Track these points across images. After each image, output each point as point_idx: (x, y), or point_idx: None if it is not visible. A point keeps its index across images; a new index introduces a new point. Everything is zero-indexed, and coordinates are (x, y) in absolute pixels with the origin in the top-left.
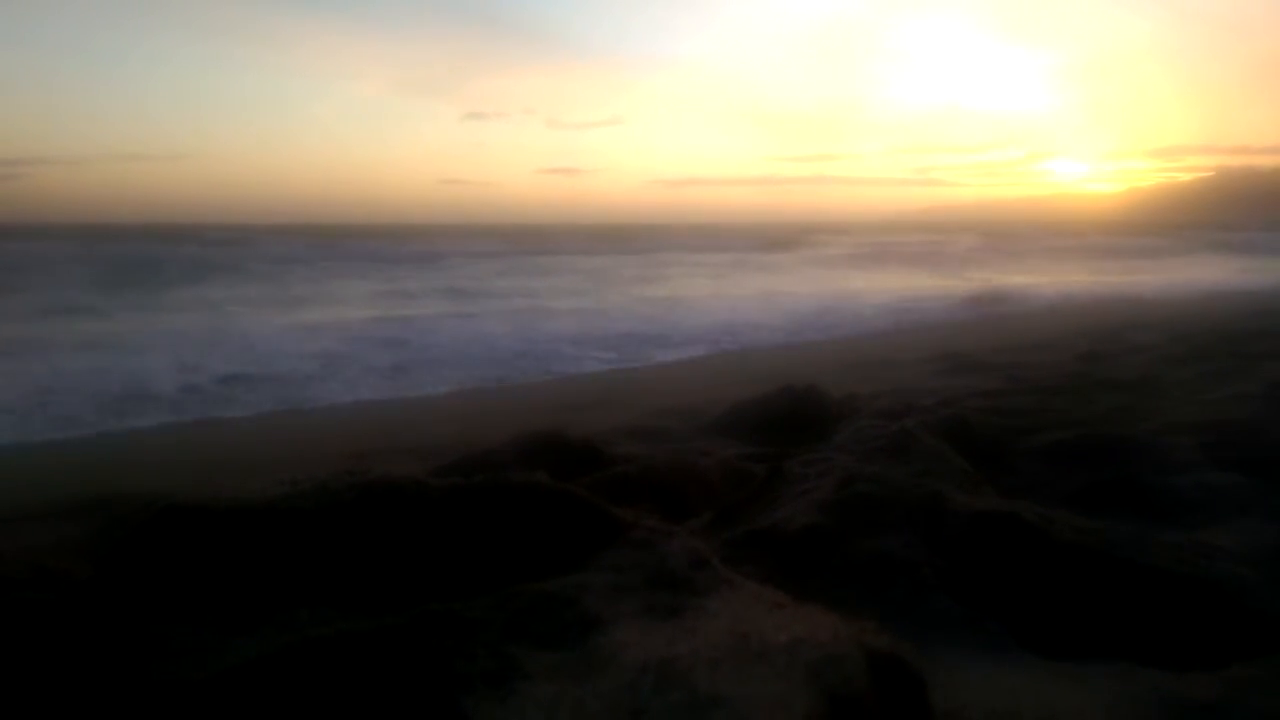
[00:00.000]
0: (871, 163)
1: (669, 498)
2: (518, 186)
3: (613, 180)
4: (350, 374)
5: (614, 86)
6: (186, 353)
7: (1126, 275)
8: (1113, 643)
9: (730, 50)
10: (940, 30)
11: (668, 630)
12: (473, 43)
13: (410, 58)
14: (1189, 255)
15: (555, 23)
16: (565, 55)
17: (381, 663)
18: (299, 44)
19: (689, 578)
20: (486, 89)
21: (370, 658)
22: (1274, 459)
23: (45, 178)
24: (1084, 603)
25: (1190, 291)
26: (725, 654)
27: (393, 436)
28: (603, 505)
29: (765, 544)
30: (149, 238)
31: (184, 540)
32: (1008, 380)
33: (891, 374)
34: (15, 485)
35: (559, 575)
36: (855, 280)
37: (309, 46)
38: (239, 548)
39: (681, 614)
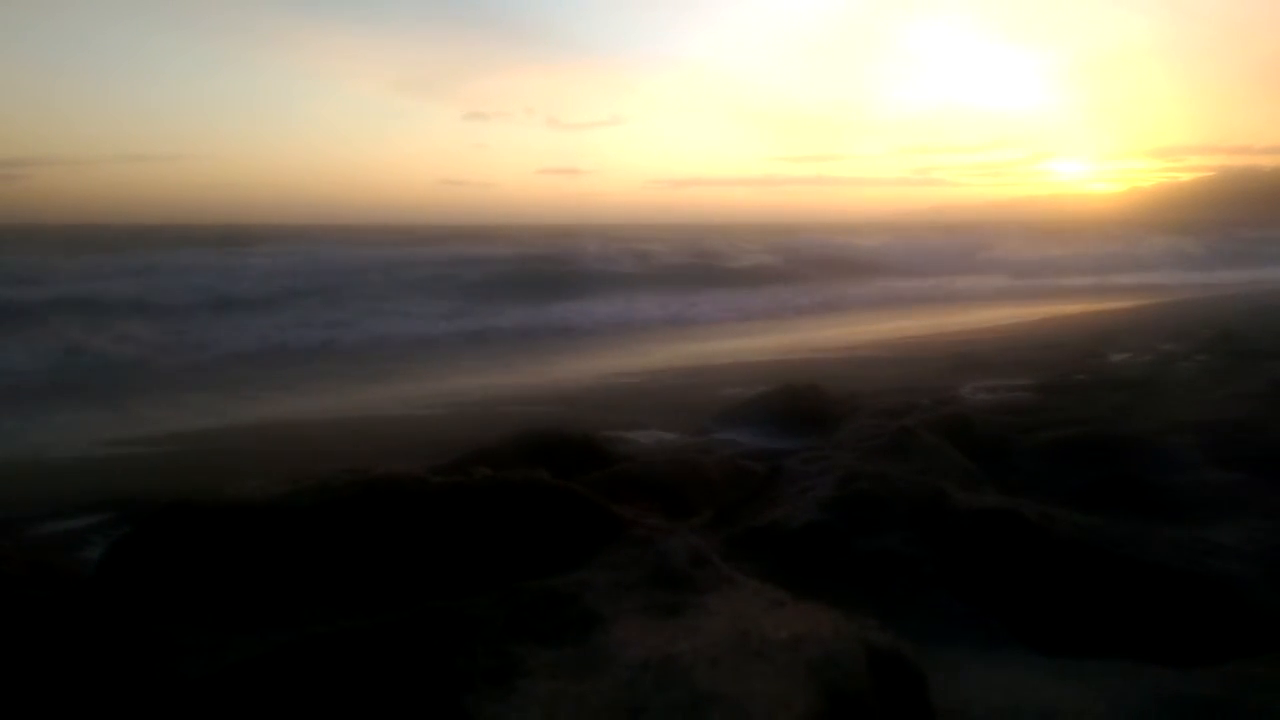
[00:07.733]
0: (873, 163)
1: (670, 496)
2: (518, 187)
3: (613, 180)
4: None
5: (614, 86)
6: None
7: None
8: (1114, 640)
9: (731, 50)
10: (941, 30)
11: (668, 628)
12: (473, 43)
13: (410, 58)
14: None
15: (555, 23)
16: (565, 55)
17: (382, 660)
18: (299, 44)
19: (689, 575)
20: (487, 89)
21: (371, 655)
22: (1275, 457)
23: (46, 178)
24: (1085, 600)
25: None
26: (726, 651)
27: None
28: (604, 503)
29: (766, 542)
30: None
31: (185, 538)
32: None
33: None
34: None
35: (560, 573)
36: None
37: (309, 46)
38: (240, 546)
39: (682, 611)
